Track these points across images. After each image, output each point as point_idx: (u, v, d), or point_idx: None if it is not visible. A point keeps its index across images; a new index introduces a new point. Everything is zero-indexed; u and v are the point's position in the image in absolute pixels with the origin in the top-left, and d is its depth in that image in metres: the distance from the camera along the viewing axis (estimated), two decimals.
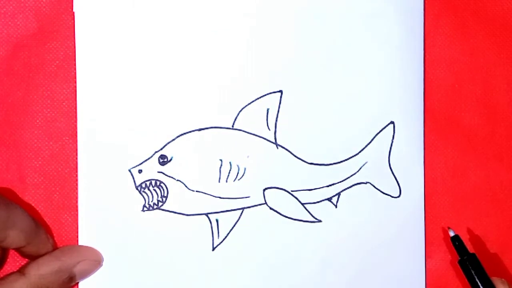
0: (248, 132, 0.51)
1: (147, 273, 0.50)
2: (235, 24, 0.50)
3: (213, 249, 0.50)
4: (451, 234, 0.50)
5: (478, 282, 0.48)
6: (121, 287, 0.50)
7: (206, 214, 0.50)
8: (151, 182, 0.50)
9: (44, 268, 0.46)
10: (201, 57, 0.50)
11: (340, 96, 0.51)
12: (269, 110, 0.51)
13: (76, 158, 0.50)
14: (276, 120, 0.51)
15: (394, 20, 0.51)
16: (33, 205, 0.50)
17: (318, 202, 0.51)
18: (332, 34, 0.51)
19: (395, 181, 0.52)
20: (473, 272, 0.49)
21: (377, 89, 0.51)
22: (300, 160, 0.51)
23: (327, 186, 0.51)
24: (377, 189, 0.52)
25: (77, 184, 0.50)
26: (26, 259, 0.48)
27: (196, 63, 0.50)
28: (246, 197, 0.51)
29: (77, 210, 0.50)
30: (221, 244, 0.50)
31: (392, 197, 0.52)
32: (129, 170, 0.50)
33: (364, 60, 0.51)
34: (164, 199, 0.50)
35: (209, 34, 0.50)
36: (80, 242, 0.50)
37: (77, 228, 0.50)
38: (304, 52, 0.51)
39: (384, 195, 0.52)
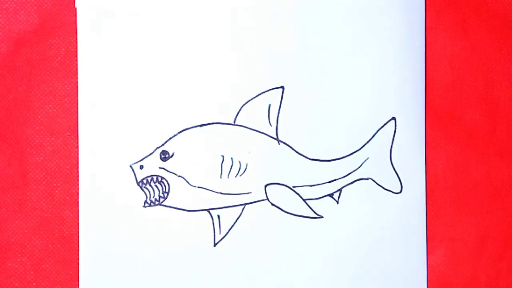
0: (249, 128, 0.51)
1: (148, 268, 0.50)
2: (236, 20, 0.50)
3: (215, 245, 0.50)
4: None
5: None
6: (122, 283, 0.50)
7: (208, 210, 0.50)
8: (152, 178, 0.50)
9: None
10: (203, 52, 0.50)
11: (342, 92, 0.51)
12: (271, 106, 0.51)
13: (78, 154, 0.50)
14: (278, 116, 0.51)
15: (395, 15, 0.52)
16: (34, 200, 0.50)
17: (319, 198, 0.51)
18: (333, 30, 0.51)
19: (396, 177, 0.52)
20: None
21: (378, 85, 0.51)
22: (301, 156, 0.51)
23: (329, 182, 0.51)
24: (378, 185, 0.52)
25: (78, 180, 0.50)
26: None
27: (197, 58, 0.50)
28: (247, 193, 0.51)
29: (78, 206, 0.50)
30: (222, 240, 0.50)
31: (394, 193, 0.52)
32: (131, 166, 0.50)
33: (365, 56, 0.51)
34: (165, 195, 0.50)
35: (211, 29, 0.50)
36: (81, 238, 0.49)
37: (78, 224, 0.50)
38: (306, 48, 0.51)
39: (385, 191, 0.52)
